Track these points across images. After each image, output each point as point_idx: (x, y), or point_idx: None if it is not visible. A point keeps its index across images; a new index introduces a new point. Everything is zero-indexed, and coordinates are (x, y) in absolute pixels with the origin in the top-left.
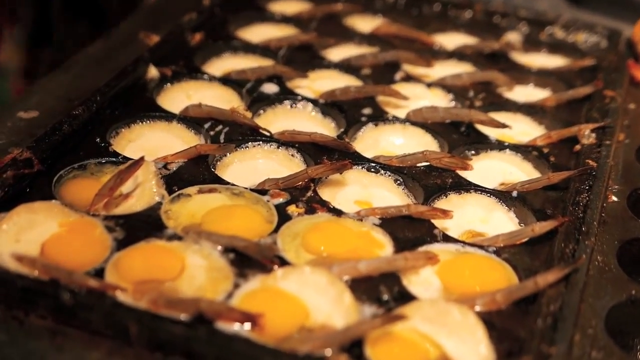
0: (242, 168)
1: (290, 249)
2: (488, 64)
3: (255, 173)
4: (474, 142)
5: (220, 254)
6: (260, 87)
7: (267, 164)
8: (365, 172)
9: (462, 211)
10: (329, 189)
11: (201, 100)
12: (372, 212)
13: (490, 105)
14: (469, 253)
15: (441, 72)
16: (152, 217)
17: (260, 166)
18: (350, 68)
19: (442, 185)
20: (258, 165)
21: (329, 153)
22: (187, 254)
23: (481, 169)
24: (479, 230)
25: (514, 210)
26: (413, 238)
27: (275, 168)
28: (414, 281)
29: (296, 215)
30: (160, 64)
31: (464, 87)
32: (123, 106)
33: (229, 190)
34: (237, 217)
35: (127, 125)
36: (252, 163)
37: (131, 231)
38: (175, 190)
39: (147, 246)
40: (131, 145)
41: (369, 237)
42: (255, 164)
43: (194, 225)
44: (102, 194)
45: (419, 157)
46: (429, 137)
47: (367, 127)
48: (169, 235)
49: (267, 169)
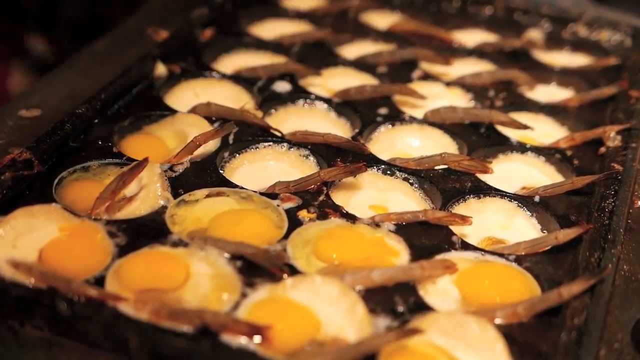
0: (251, 170)
1: (301, 256)
2: (509, 63)
3: (265, 175)
4: (495, 144)
5: (227, 262)
6: (272, 85)
7: (277, 166)
8: (381, 175)
9: (481, 217)
10: (342, 192)
11: (210, 98)
12: (388, 218)
13: (511, 106)
14: (489, 262)
15: (460, 71)
16: (156, 221)
17: (270, 168)
18: (365, 66)
19: (461, 189)
20: (268, 168)
21: (342, 155)
22: (192, 261)
23: (502, 172)
24: (499, 237)
25: (536, 216)
26: (430, 245)
27: (286, 170)
28: (431, 291)
29: (307, 221)
30: (169, 61)
31: (484, 87)
32: (129, 104)
33: (237, 194)
34: (246, 223)
35: (132, 125)
36: (262, 165)
37: (134, 237)
38: (181, 194)
39: (150, 253)
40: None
41: (384, 245)
42: (266, 166)
43: (200, 230)
44: (104, 197)
45: (437, 160)
46: (447, 138)
47: (383, 128)
48: (174, 241)
49: (277, 172)
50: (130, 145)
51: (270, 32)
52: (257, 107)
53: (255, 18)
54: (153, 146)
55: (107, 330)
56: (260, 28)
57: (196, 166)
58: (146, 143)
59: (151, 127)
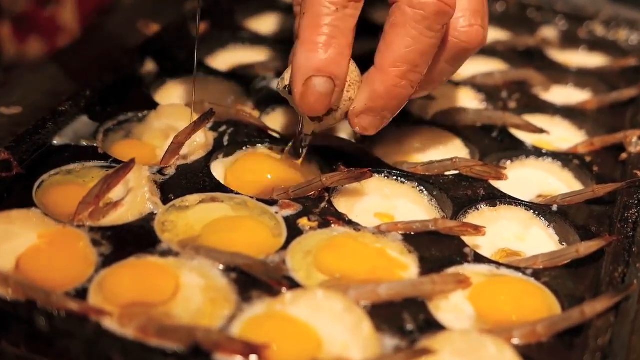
0: None
1: (301, 268)
2: (522, 62)
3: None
4: (508, 149)
5: (221, 273)
6: (270, 83)
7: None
8: (387, 180)
9: (495, 227)
10: (345, 199)
11: (203, 97)
12: (395, 227)
13: (525, 108)
14: (504, 276)
15: (471, 70)
16: (144, 229)
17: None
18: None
19: (473, 196)
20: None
21: (346, 158)
22: (182, 272)
23: (516, 179)
24: (514, 248)
25: (553, 226)
26: (441, 258)
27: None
28: (443, 308)
29: (308, 230)
30: (159, 57)
31: (496, 87)
32: (116, 102)
33: (232, 200)
34: (241, 231)
35: (119, 125)
36: None
37: (120, 245)
38: (172, 199)
39: (137, 263)
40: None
41: (391, 256)
42: None
43: (191, 239)
44: (87, 201)
45: (448, 165)
46: (458, 142)
47: (388, 130)
48: (163, 251)
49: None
50: (117, 146)
51: (268, 26)
52: (253, 107)
53: (252, 11)
54: (141, 147)
55: (89, 348)
56: (257, 22)
57: (188, 169)
58: (134, 144)
59: (139, 127)
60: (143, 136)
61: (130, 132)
